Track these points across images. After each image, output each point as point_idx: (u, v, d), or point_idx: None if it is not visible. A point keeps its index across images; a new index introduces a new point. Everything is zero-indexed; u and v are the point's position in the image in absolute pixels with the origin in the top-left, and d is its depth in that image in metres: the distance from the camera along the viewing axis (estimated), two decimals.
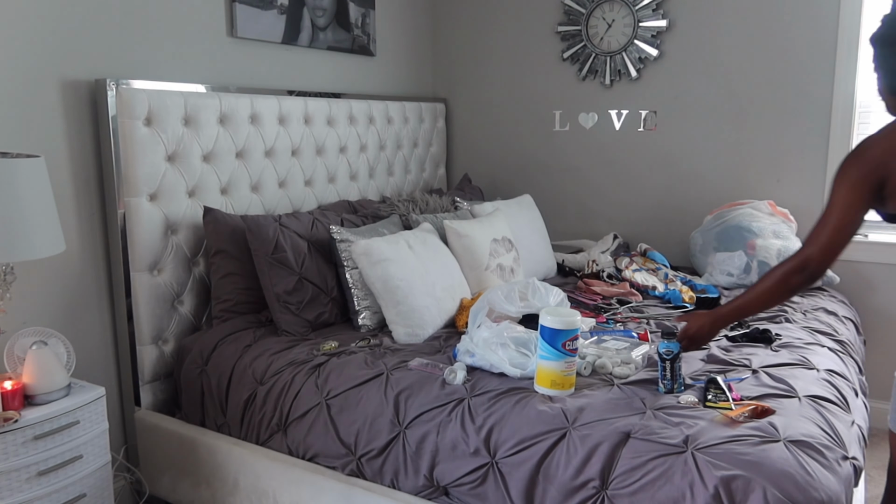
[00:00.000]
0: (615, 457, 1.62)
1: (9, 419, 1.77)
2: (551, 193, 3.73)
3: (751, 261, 2.91)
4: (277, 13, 2.84)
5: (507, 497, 1.73)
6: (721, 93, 3.25)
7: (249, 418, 2.17)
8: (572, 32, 3.51)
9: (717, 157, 3.30)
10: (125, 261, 2.30)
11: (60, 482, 1.87)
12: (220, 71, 2.66)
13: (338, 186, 3.12)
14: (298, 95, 2.89)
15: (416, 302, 2.33)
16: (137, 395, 2.39)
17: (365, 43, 3.34)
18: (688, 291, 2.79)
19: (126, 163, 2.25)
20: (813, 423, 1.68)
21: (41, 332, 2.01)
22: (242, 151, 2.63)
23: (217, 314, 2.45)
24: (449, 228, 2.67)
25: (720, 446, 1.57)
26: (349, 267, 2.46)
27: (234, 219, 2.47)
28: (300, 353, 2.22)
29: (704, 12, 3.23)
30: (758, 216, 3.02)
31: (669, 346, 1.84)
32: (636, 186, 3.51)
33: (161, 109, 2.31)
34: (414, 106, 3.61)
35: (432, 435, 1.84)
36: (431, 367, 2.04)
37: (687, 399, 1.80)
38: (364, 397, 1.98)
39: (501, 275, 2.69)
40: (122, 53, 2.31)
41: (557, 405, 1.79)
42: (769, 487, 1.45)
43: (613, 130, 3.53)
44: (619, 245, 3.40)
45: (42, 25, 2.08)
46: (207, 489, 2.23)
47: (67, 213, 2.20)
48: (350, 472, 1.97)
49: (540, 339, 1.86)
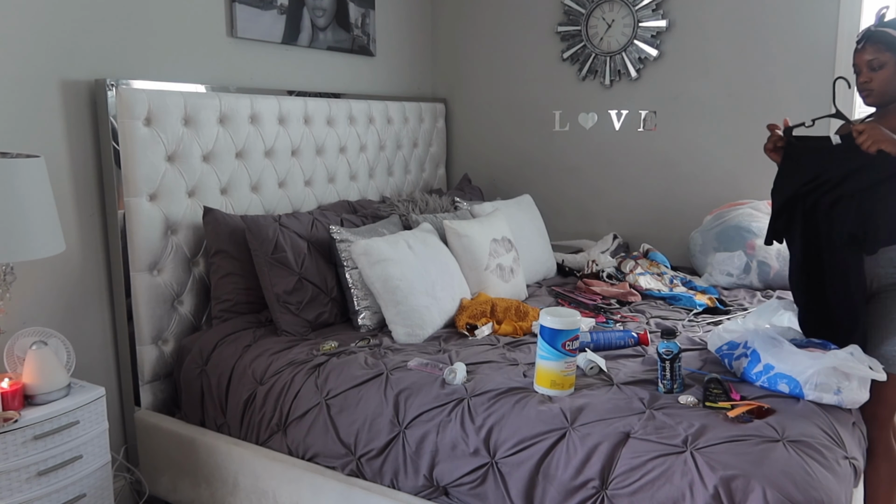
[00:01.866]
0: (615, 457, 1.62)
1: (9, 419, 1.77)
2: (551, 193, 3.73)
3: (750, 261, 2.91)
4: (277, 13, 2.84)
5: (507, 497, 1.73)
6: (721, 93, 3.25)
7: (249, 418, 2.17)
8: (572, 32, 3.51)
9: (717, 157, 3.30)
10: (125, 261, 2.30)
11: (60, 482, 1.87)
12: (219, 71, 2.66)
13: (337, 186, 3.12)
14: (298, 95, 2.89)
15: (415, 302, 2.33)
16: (137, 395, 2.39)
17: (365, 43, 3.34)
18: (703, 295, 2.79)
19: (126, 163, 2.25)
20: (813, 423, 1.68)
21: (41, 332, 2.01)
22: (242, 151, 2.63)
23: (217, 314, 2.45)
24: (449, 228, 2.67)
25: (720, 446, 1.57)
26: (349, 267, 2.46)
27: (234, 219, 2.47)
28: (300, 353, 2.22)
29: (704, 12, 3.23)
30: (757, 216, 3.02)
31: (669, 346, 1.84)
32: (636, 186, 3.51)
33: (161, 109, 2.31)
34: (414, 106, 3.61)
35: (432, 435, 1.84)
36: (431, 367, 2.04)
37: (686, 399, 1.80)
38: (364, 397, 1.98)
39: (501, 275, 2.69)
40: (122, 53, 2.31)
41: (557, 405, 1.79)
42: (769, 487, 1.45)
43: (613, 131, 3.53)
44: (619, 245, 3.40)
45: (42, 25, 2.08)
46: (207, 489, 2.23)
47: (67, 213, 2.20)
48: (350, 472, 1.97)
49: (540, 339, 1.87)
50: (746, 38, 3.16)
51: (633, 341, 2.25)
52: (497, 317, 2.46)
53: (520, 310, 2.49)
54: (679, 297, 2.77)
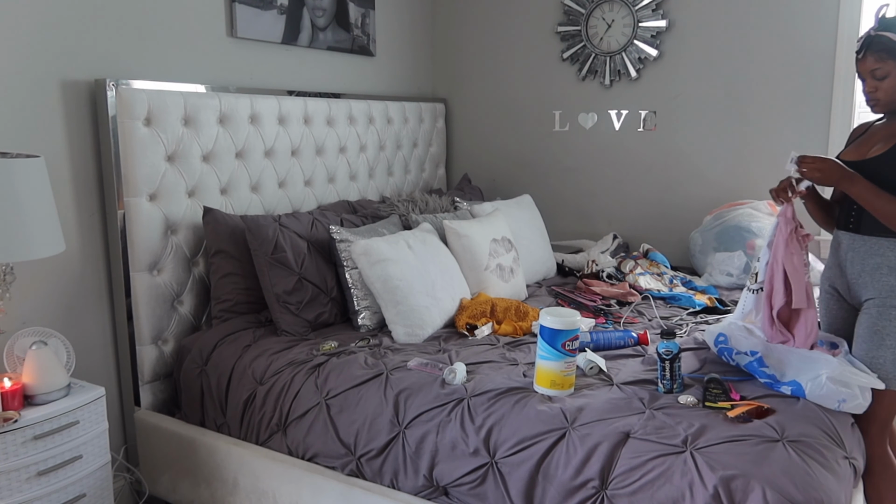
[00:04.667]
0: (615, 457, 1.62)
1: (9, 419, 1.77)
2: (551, 193, 3.73)
3: (750, 261, 2.91)
4: (277, 13, 2.84)
5: (507, 497, 1.73)
6: (721, 93, 3.25)
7: (249, 418, 2.17)
8: (572, 32, 3.51)
9: (717, 157, 3.30)
10: (125, 261, 2.30)
11: (60, 482, 1.87)
12: (219, 71, 2.66)
13: (337, 186, 3.12)
14: (298, 95, 2.89)
15: (415, 302, 2.33)
16: (137, 395, 2.39)
17: (365, 43, 3.34)
18: (703, 295, 2.79)
19: (126, 163, 2.25)
20: (813, 423, 1.68)
21: (41, 332, 2.01)
22: (242, 151, 2.63)
23: (217, 314, 2.45)
24: (448, 228, 2.67)
25: (720, 446, 1.57)
26: (349, 267, 2.46)
27: (234, 219, 2.47)
28: (300, 353, 2.22)
29: (704, 12, 3.23)
30: (757, 216, 3.02)
31: (669, 346, 1.84)
32: (636, 186, 3.51)
33: (161, 109, 2.31)
34: (414, 106, 3.61)
35: (432, 435, 1.84)
36: (431, 367, 2.04)
37: (686, 399, 1.80)
38: (364, 397, 1.98)
39: (501, 275, 2.69)
40: (122, 53, 2.31)
41: (557, 405, 1.79)
42: (768, 487, 1.45)
43: (613, 130, 3.53)
44: (619, 245, 3.40)
45: (42, 25, 2.08)
46: (207, 489, 2.23)
47: (67, 213, 2.20)
48: (350, 472, 1.97)
49: (539, 339, 1.87)
50: (746, 39, 3.16)
51: (633, 341, 2.25)
52: (497, 317, 2.46)
53: (520, 310, 2.49)
54: (679, 297, 2.77)
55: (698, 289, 2.90)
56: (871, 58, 1.82)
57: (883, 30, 1.81)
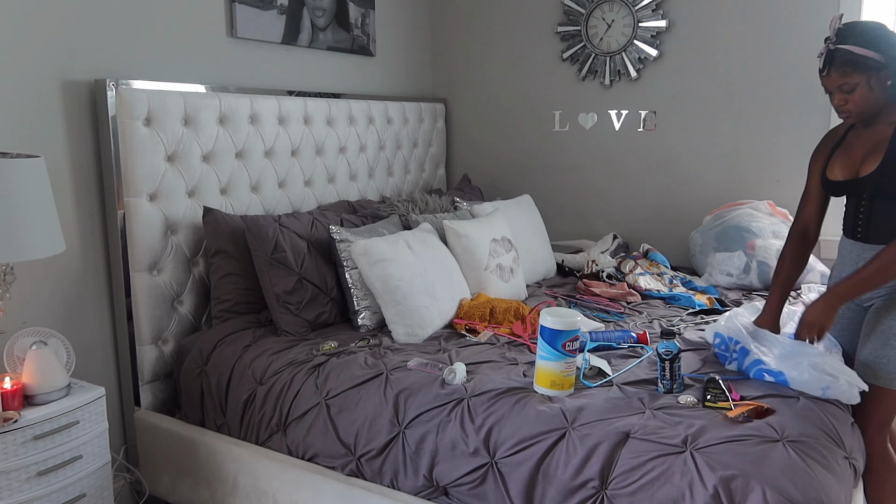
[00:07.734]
0: (614, 457, 1.62)
1: (8, 419, 1.77)
2: (551, 193, 3.73)
3: (750, 261, 2.91)
4: (277, 13, 2.84)
5: (507, 497, 1.73)
6: (720, 93, 3.25)
7: (249, 418, 2.17)
8: (572, 32, 3.51)
9: (717, 157, 3.30)
10: (125, 261, 2.30)
11: (60, 482, 1.87)
12: (219, 71, 2.66)
13: (337, 187, 3.12)
14: (298, 96, 2.89)
15: (415, 302, 2.33)
16: (137, 395, 2.39)
17: (365, 43, 3.34)
18: (703, 295, 2.79)
19: (126, 163, 2.25)
20: (813, 423, 1.68)
21: (41, 332, 2.01)
22: (242, 151, 2.63)
23: (217, 314, 2.45)
24: (448, 228, 2.67)
25: (719, 446, 1.57)
26: (349, 267, 2.46)
27: (234, 219, 2.47)
28: (300, 353, 2.22)
29: (704, 12, 3.23)
30: (757, 216, 3.02)
31: (669, 346, 1.85)
32: (636, 186, 3.51)
33: (161, 109, 2.31)
34: (413, 106, 3.61)
35: (432, 435, 1.84)
36: (431, 367, 2.04)
37: (686, 399, 1.80)
38: (364, 397, 1.98)
39: (501, 275, 2.69)
40: (122, 53, 2.31)
41: (557, 405, 1.79)
42: (768, 487, 1.45)
43: (613, 130, 3.53)
44: (619, 245, 3.40)
45: (42, 25, 2.08)
46: (207, 489, 2.23)
47: (67, 213, 2.20)
48: (350, 473, 1.97)
49: (540, 339, 1.87)
50: (746, 38, 3.16)
51: (633, 341, 2.25)
52: (497, 318, 2.45)
53: (519, 311, 2.49)
54: (678, 297, 2.77)
55: (698, 289, 2.90)
56: (835, 73, 1.80)
57: (841, 42, 1.77)
